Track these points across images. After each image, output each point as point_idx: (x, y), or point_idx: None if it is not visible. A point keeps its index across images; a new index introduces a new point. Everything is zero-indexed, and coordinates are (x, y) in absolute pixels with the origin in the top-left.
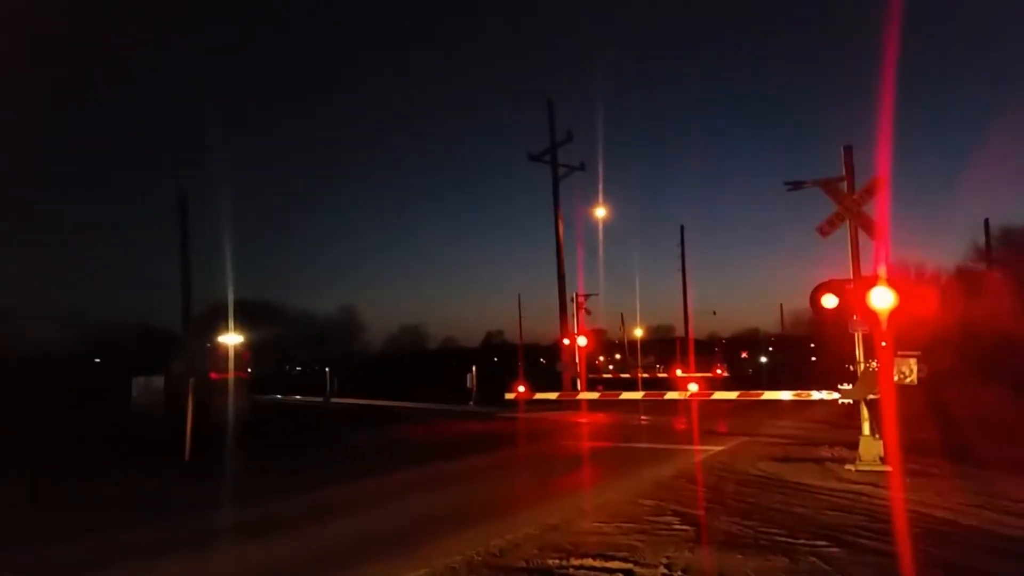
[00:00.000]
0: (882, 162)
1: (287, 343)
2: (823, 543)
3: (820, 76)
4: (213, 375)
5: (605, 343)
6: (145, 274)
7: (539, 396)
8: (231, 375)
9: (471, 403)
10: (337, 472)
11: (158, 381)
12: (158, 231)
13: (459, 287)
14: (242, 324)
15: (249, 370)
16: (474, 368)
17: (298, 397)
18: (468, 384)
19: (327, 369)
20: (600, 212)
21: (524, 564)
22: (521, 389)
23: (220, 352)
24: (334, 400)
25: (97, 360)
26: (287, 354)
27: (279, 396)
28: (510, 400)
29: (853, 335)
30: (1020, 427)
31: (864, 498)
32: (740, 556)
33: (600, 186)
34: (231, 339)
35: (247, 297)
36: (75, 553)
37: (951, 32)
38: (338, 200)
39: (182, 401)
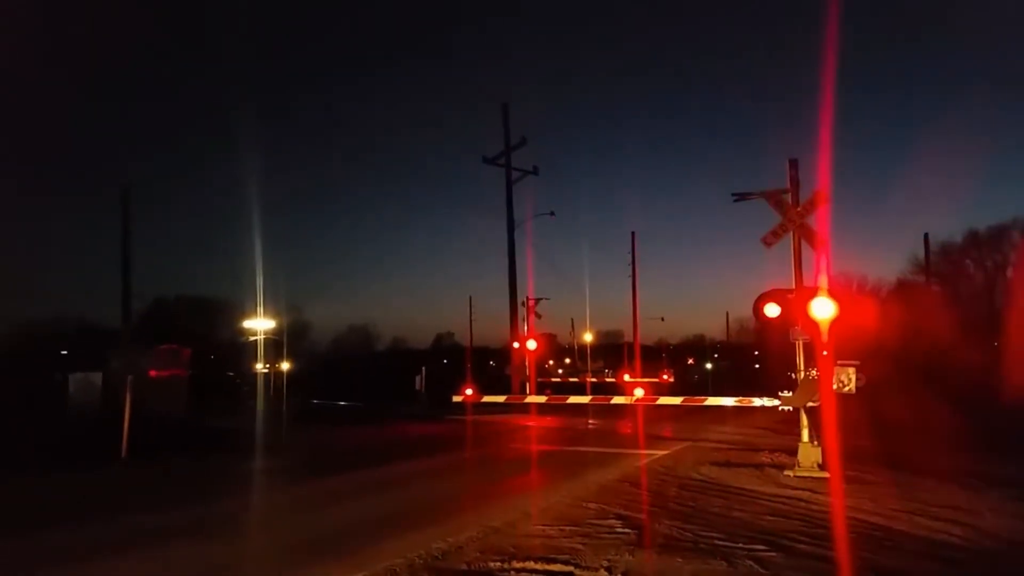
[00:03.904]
0: (824, 175)
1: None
2: (761, 547)
3: (768, 90)
4: (152, 373)
5: (555, 347)
6: (85, 269)
7: (487, 399)
8: (171, 373)
9: (419, 405)
10: (277, 474)
11: (96, 378)
12: (99, 226)
13: (410, 288)
14: (189, 322)
15: (280, 369)
16: (423, 370)
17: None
18: (417, 386)
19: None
20: (552, 217)
21: (466, 567)
22: (469, 392)
23: (161, 349)
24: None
25: (64, 352)
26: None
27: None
28: (458, 403)
29: (795, 343)
30: (953, 436)
31: (802, 503)
32: (679, 559)
33: (553, 191)
34: (260, 324)
35: (193, 294)
36: None
37: (893, 49)
38: (289, 199)
39: (120, 399)
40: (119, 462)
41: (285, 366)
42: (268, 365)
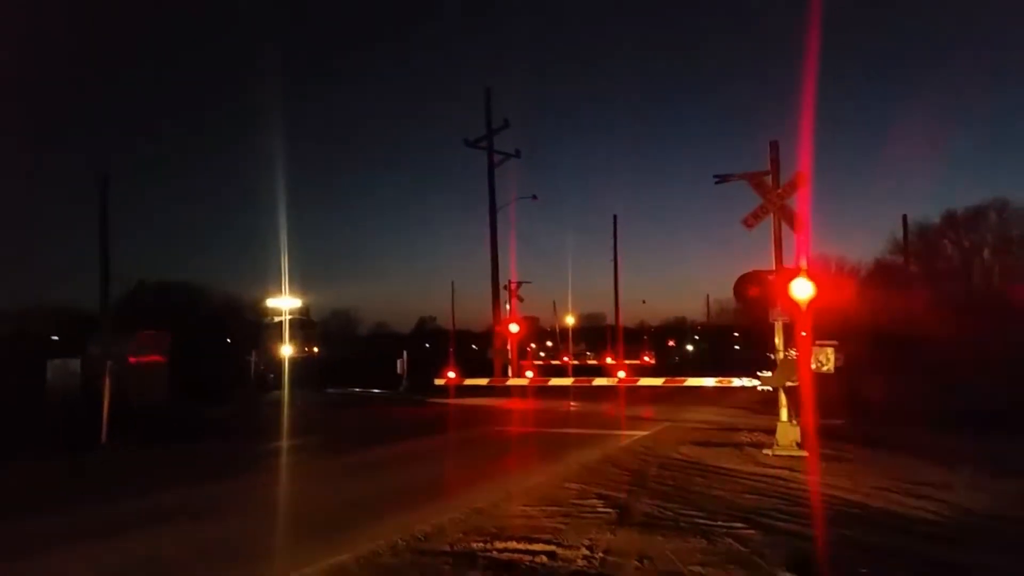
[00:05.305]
0: (805, 158)
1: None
2: (740, 525)
3: (749, 74)
4: (132, 359)
5: (537, 330)
6: (79, 255)
7: (469, 382)
8: (151, 358)
9: (401, 389)
10: (258, 458)
11: (74, 364)
12: (74, 212)
13: (393, 272)
14: (166, 308)
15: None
16: (405, 353)
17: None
18: (399, 370)
19: (253, 352)
20: (535, 200)
21: (448, 548)
22: (451, 375)
23: (141, 335)
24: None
25: (55, 338)
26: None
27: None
28: (441, 386)
29: (774, 324)
30: (929, 414)
31: (781, 482)
32: (660, 537)
33: (535, 174)
34: (287, 303)
35: (171, 279)
36: None
37: (872, 32)
38: (270, 183)
39: (98, 385)
40: (98, 448)
41: (316, 349)
42: (295, 348)
